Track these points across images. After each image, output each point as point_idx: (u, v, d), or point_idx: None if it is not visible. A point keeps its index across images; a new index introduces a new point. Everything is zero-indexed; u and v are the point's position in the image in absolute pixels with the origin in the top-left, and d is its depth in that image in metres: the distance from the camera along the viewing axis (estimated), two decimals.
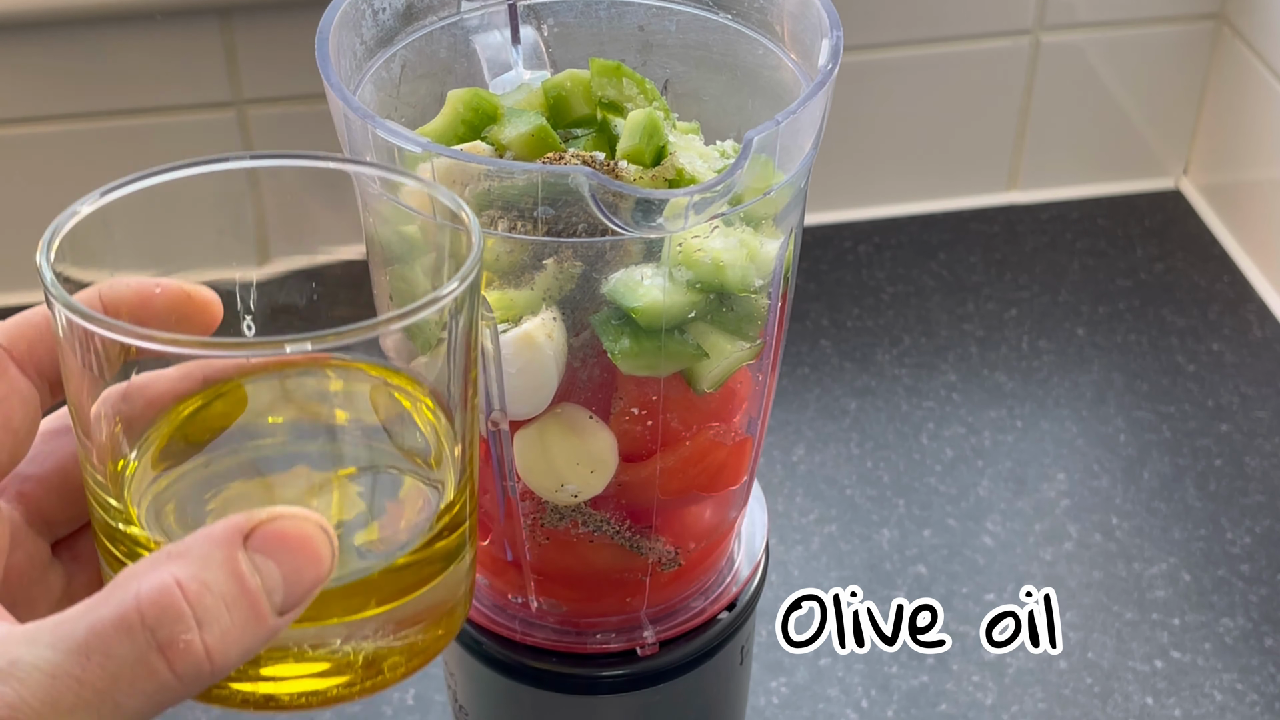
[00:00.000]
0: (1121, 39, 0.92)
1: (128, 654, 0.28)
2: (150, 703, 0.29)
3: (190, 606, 0.28)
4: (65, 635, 0.28)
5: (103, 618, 0.28)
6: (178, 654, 0.28)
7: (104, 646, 0.28)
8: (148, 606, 0.28)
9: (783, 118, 0.39)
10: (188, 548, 0.29)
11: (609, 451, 0.44)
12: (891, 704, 0.67)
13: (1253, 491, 0.77)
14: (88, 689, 0.28)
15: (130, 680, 0.28)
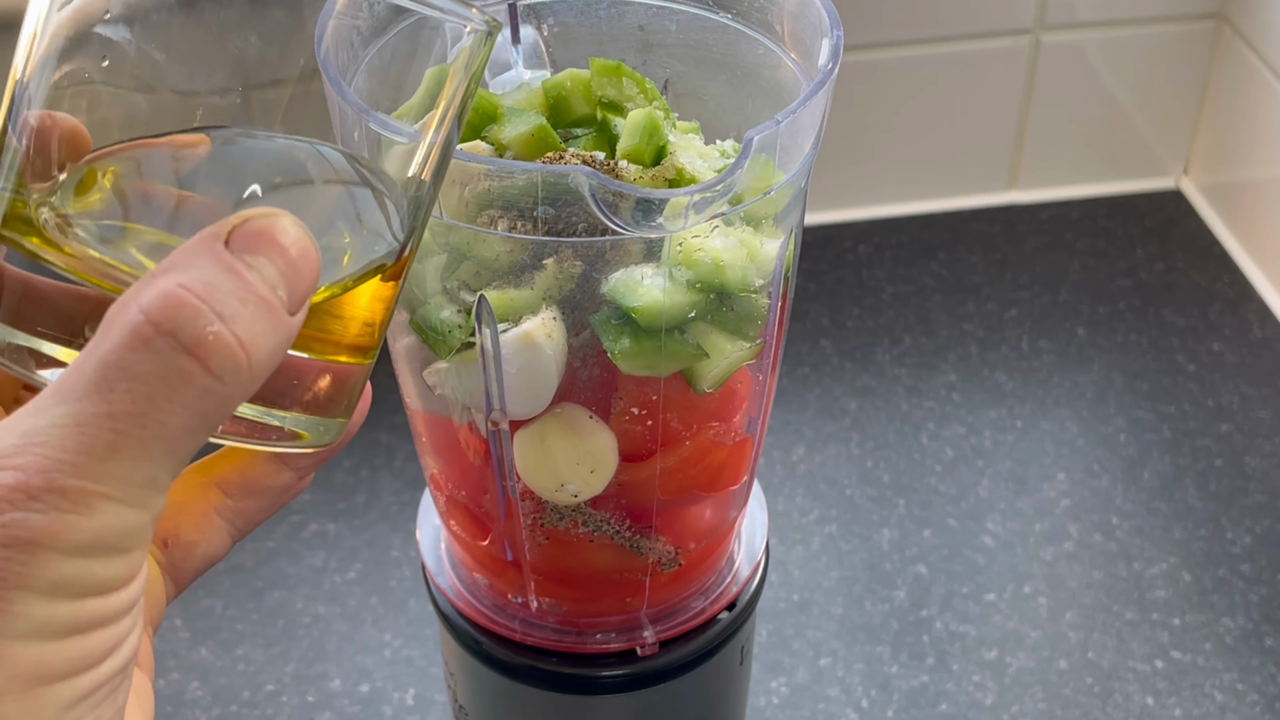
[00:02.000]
0: (1122, 39, 0.92)
1: (154, 368, 0.26)
2: (196, 415, 0.26)
3: (204, 302, 0.26)
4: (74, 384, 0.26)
5: (111, 347, 0.26)
6: (209, 349, 0.26)
7: (124, 372, 0.26)
8: (158, 314, 0.26)
9: (783, 117, 0.39)
10: (171, 263, 0.27)
11: (609, 451, 0.44)
12: (891, 704, 0.67)
13: (1253, 491, 0.77)
14: (123, 420, 0.25)
15: (166, 394, 0.26)
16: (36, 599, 0.25)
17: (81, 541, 0.25)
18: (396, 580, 0.73)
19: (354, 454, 0.79)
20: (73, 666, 0.26)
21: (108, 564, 0.26)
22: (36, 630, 0.25)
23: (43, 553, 0.25)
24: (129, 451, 0.26)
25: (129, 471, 0.26)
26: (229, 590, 0.72)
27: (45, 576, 0.25)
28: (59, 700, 0.25)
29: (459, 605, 0.51)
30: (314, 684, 0.68)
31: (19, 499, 0.25)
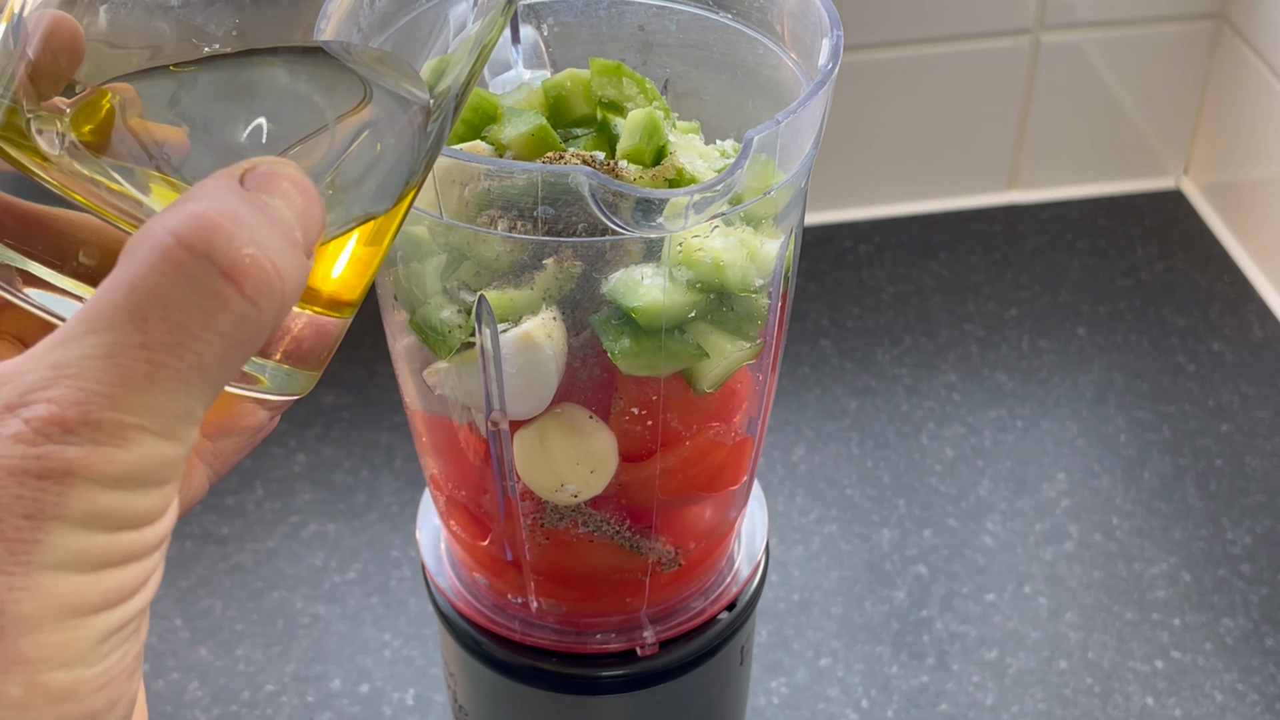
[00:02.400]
0: (1122, 38, 0.92)
1: (189, 294, 0.25)
2: (232, 343, 0.26)
3: (236, 225, 0.26)
4: (103, 312, 0.25)
5: (141, 272, 0.25)
6: (244, 272, 0.25)
7: (158, 298, 0.25)
8: (191, 235, 0.25)
9: (783, 117, 0.39)
10: (191, 195, 0.26)
11: (609, 451, 0.44)
12: (891, 704, 0.67)
13: (1253, 491, 0.77)
14: (158, 350, 0.25)
15: (202, 322, 0.25)
16: (73, 530, 0.25)
17: (117, 474, 0.25)
18: (396, 580, 0.73)
19: (354, 454, 0.79)
20: (107, 599, 0.26)
21: (142, 497, 0.26)
22: (72, 562, 0.25)
23: (79, 484, 0.25)
24: (165, 383, 0.25)
25: (165, 403, 0.25)
26: (229, 590, 0.72)
27: (81, 508, 0.25)
28: (93, 633, 0.25)
29: (459, 605, 0.51)
30: (314, 684, 0.68)
31: (54, 431, 0.25)
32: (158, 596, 0.71)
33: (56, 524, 0.25)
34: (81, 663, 0.25)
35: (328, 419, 0.81)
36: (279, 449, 0.79)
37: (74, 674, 0.25)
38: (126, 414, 0.25)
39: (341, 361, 0.84)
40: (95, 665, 0.25)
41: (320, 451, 0.79)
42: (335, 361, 0.84)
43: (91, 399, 0.25)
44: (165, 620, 0.70)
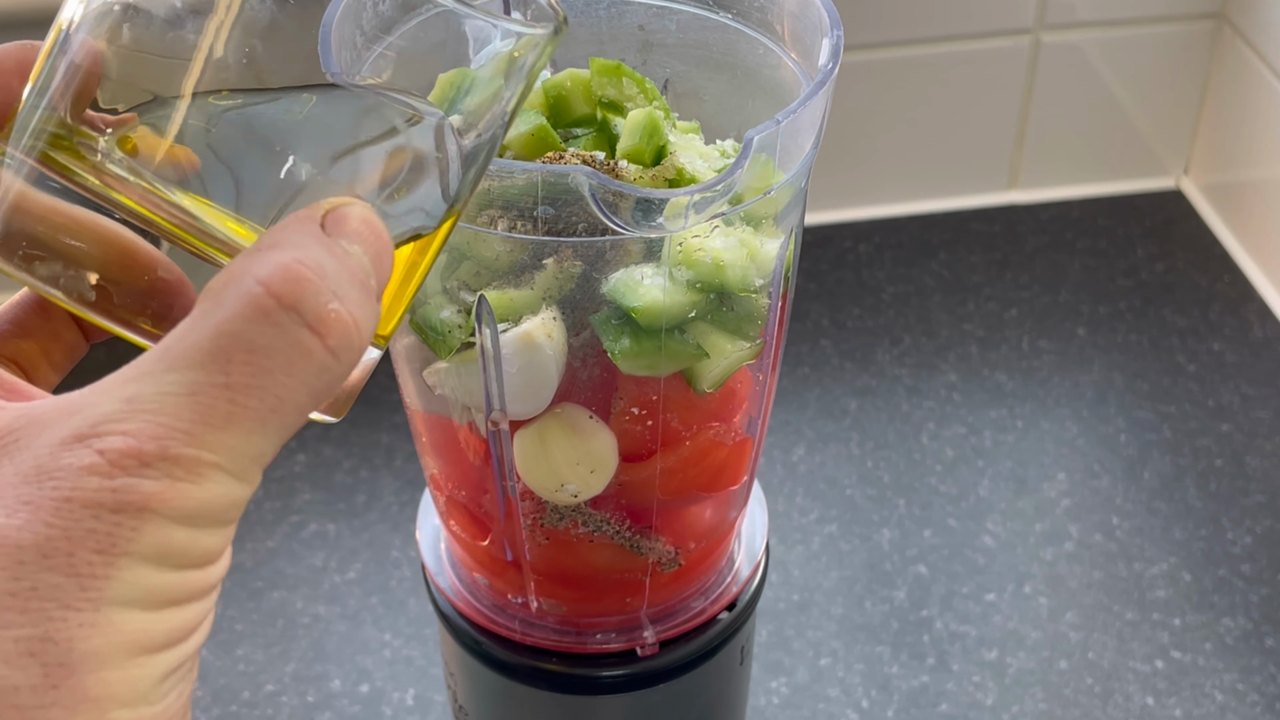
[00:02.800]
0: (1122, 38, 0.92)
1: (275, 341, 0.25)
2: (310, 392, 0.26)
3: (322, 280, 0.26)
4: (184, 353, 0.25)
5: (227, 317, 0.25)
6: (329, 326, 0.26)
7: (243, 343, 0.25)
8: (280, 287, 0.26)
9: (783, 117, 0.39)
10: (276, 240, 0.27)
11: (609, 451, 0.44)
12: (892, 704, 0.67)
13: (1253, 491, 0.77)
14: (241, 391, 0.25)
15: (286, 370, 0.26)
16: (143, 567, 0.25)
17: (192, 511, 0.25)
18: (396, 580, 0.73)
19: (354, 454, 0.79)
20: (170, 638, 0.25)
21: (211, 535, 0.26)
22: (141, 599, 0.25)
23: (154, 520, 0.25)
24: (244, 424, 0.25)
25: (242, 444, 0.25)
26: (229, 590, 0.72)
27: (154, 544, 0.25)
28: (156, 672, 0.25)
29: (459, 605, 0.51)
30: (314, 684, 0.68)
31: (130, 464, 0.24)
32: None
33: (128, 560, 0.24)
34: (144, 701, 0.25)
35: None
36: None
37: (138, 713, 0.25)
38: (205, 451, 0.25)
39: None
40: (156, 704, 0.25)
41: (320, 451, 0.79)
42: None
43: (171, 434, 0.25)
44: None
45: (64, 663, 0.24)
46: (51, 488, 0.24)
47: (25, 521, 0.24)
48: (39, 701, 0.24)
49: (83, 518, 0.24)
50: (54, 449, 0.25)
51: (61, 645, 0.24)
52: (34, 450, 0.25)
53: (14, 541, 0.24)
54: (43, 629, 0.24)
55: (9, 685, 0.24)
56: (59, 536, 0.24)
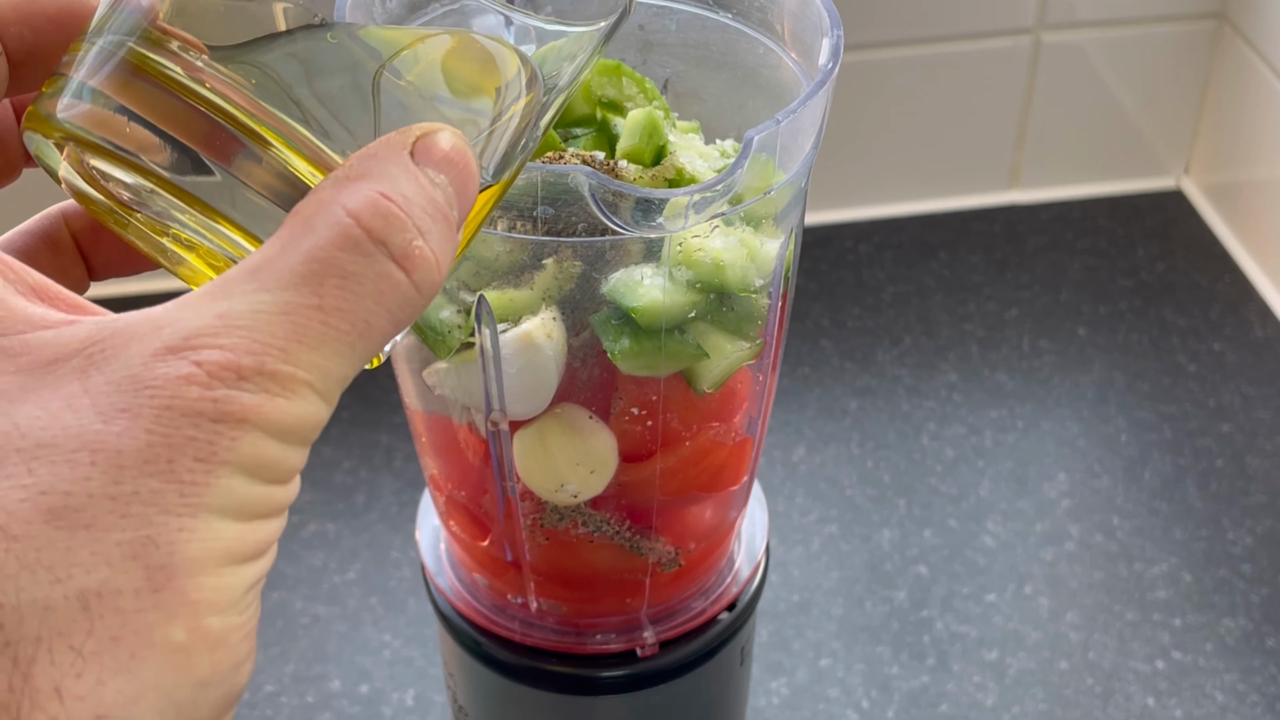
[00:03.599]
0: (1122, 38, 0.92)
1: (365, 270, 0.26)
2: (393, 321, 0.27)
3: (408, 215, 0.27)
4: (277, 273, 0.26)
5: (320, 243, 0.26)
6: (415, 262, 0.27)
7: (336, 269, 0.26)
8: (369, 221, 0.26)
9: (783, 117, 0.39)
10: (365, 169, 0.27)
11: (609, 451, 0.44)
12: (892, 704, 0.67)
13: (1254, 491, 0.77)
14: (333, 315, 0.26)
15: (375, 297, 0.26)
16: (240, 477, 0.25)
17: (286, 426, 0.26)
18: (396, 580, 0.72)
19: (354, 454, 0.79)
20: (256, 550, 0.26)
21: (295, 453, 0.26)
22: (236, 509, 0.25)
23: (252, 432, 0.25)
24: (335, 345, 0.26)
25: (331, 365, 0.26)
26: None
27: (250, 455, 0.25)
28: (244, 582, 0.25)
29: (459, 605, 0.51)
30: (314, 684, 0.68)
31: (229, 377, 0.25)
32: None
33: (226, 470, 0.25)
34: (234, 609, 0.25)
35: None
36: None
37: (228, 621, 0.25)
38: (299, 369, 0.26)
39: None
40: (242, 614, 0.26)
41: (320, 451, 0.79)
42: None
43: (267, 350, 0.25)
44: None
45: (165, 566, 0.24)
46: (149, 396, 0.25)
47: (124, 428, 0.24)
48: (140, 605, 0.24)
49: (183, 426, 0.25)
50: (147, 360, 0.25)
51: (163, 549, 0.24)
52: (125, 360, 0.25)
53: (114, 447, 0.24)
54: (145, 532, 0.24)
55: (112, 588, 0.24)
56: (160, 443, 0.24)
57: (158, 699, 0.24)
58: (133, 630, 0.24)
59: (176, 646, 0.24)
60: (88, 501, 0.24)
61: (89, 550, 0.24)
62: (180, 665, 0.24)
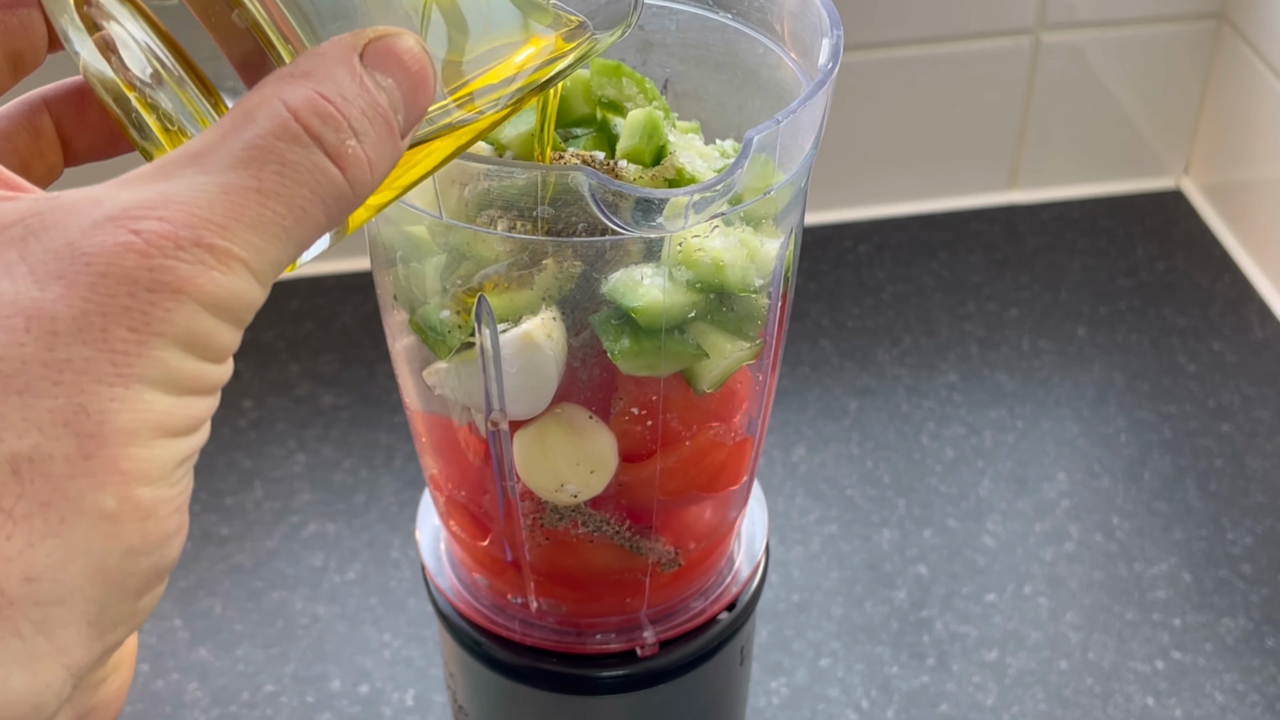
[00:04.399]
0: (1122, 38, 0.92)
1: (303, 160, 0.27)
2: (327, 212, 0.28)
3: (343, 116, 0.28)
4: (218, 158, 0.27)
5: (259, 133, 0.27)
6: (347, 160, 0.27)
7: (276, 157, 0.27)
8: (306, 116, 0.27)
9: (783, 117, 0.39)
10: (310, 67, 0.28)
11: (609, 451, 0.44)
12: (891, 704, 0.67)
13: (1254, 491, 0.77)
14: (271, 198, 0.26)
15: (311, 186, 0.27)
16: (173, 349, 0.25)
17: (220, 300, 0.26)
18: (396, 580, 0.72)
19: (354, 454, 0.79)
20: (188, 425, 0.26)
21: (229, 331, 0.26)
22: (168, 382, 0.25)
23: (186, 304, 0.25)
24: (271, 228, 0.27)
25: (266, 246, 0.27)
26: (228, 591, 0.72)
27: (184, 328, 0.25)
28: (175, 456, 0.26)
29: (459, 605, 0.51)
30: (314, 684, 0.68)
31: (167, 246, 0.25)
32: None
33: (160, 341, 0.25)
34: (164, 482, 0.26)
35: (328, 419, 0.81)
36: (279, 449, 0.79)
37: (158, 493, 0.25)
38: (235, 245, 0.26)
39: (341, 361, 0.84)
40: (173, 487, 0.26)
41: (320, 451, 0.79)
42: (335, 361, 0.84)
43: (205, 224, 0.26)
44: (165, 620, 0.70)
45: (96, 434, 0.25)
46: (85, 264, 0.25)
47: (60, 295, 0.25)
48: (70, 471, 0.24)
49: (118, 294, 0.25)
50: (86, 229, 0.25)
51: (94, 417, 0.25)
52: (64, 230, 0.25)
53: (48, 314, 0.25)
54: (77, 400, 0.24)
55: (43, 454, 0.24)
56: (94, 311, 0.25)
57: (86, 564, 0.24)
58: (63, 496, 0.24)
59: (106, 514, 0.25)
60: (21, 367, 0.24)
61: (20, 416, 0.24)
62: (109, 533, 0.25)
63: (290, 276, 0.90)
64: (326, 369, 0.84)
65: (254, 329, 0.86)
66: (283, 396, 0.82)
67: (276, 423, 0.81)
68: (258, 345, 0.85)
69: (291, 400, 0.82)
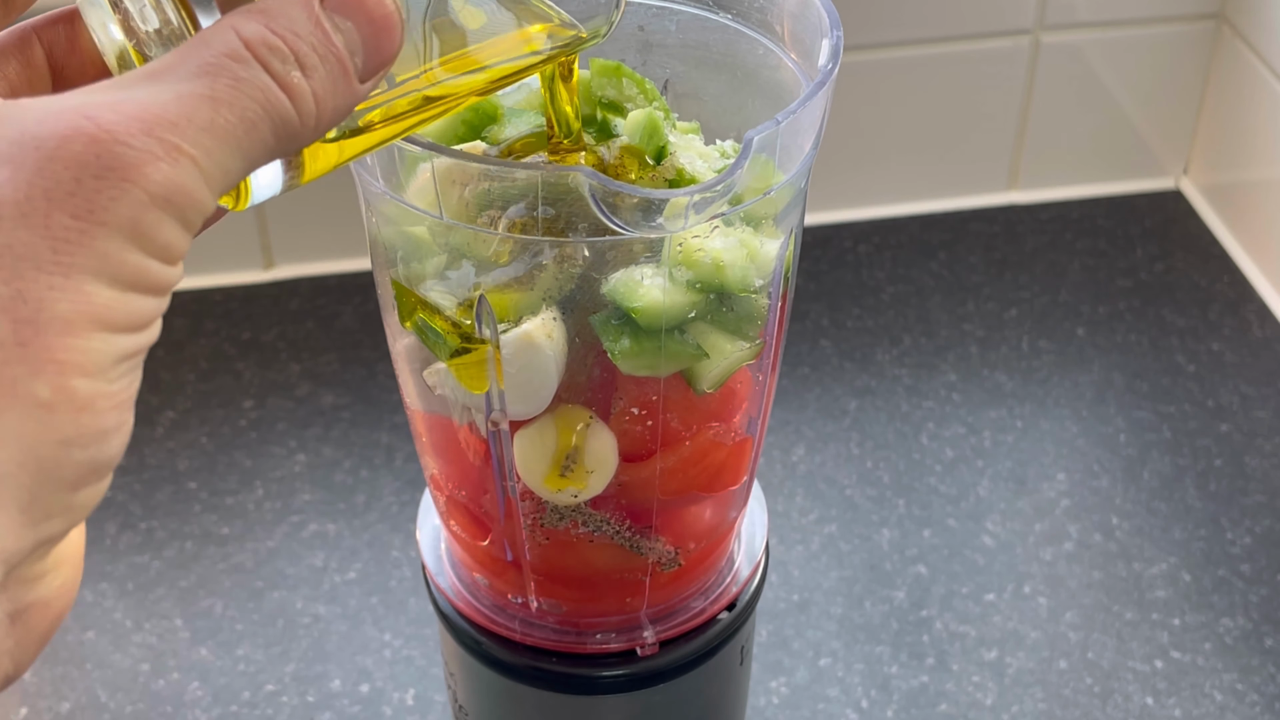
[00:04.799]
0: (1121, 39, 0.92)
1: (253, 78, 0.27)
2: (275, 134, 0.28)
3: (291, 51, 0.28)
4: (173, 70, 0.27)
5: (213, 53, 0.27)
6: (294, 91, 0.28)
7: (229, 72, 0.27)
8: (255, 45, 0.28)
9: (783, 118, 0.39)
10: (268, 5, 0.29)
11: (609, 451, 0.44)
12: (891, 704, 0.67)
13: (1253, 491, 0.77)
14: (223, 106, 0.27)
15: (261, 103, 0.27)
16: (116, 240, 0.25)
17: (167, 193, 0.26)
18: (396, 580, 0.73)
19: (354, 454, 0.79)
20: (130, 322, 0.26)
21: (176, 230, 0.26)
22: (110, 274, 0.25)
23: (132, 192, 0.25)
24: (222, 133, 0.27)
25: (216, 149, 0.27)
26: (229, 590, 0.72)
27: (130, 218, 0.25)
28: (115, 351, 0.26)
29: (459, 605, 0.51)
30: (314, 684, 0.68)
31: (118, 133, 0.25)
32: (158, 596, 0.71)
33: (103, 230, 0.25)
34: (102, 376, 0.25)
35: (328, 419, 0.81)
36: (279, 449, 0.79)
37: (95, 386, 0.25)
38: (186, 142, 0.26)
39: (341, 361, 0.84)
40: (113, 383, 0.26)
41: (320, 451, 0.79)
42: (335, 361, 0.84)
43: (157, 120, 0.26)
44: (165, 620, 0.71)
45: (32, 321, 0.24)
46: (34, 147, 0.25)
47: (7, 179, 0.25)
48: (5, 357, 0.24)
49: (64, 179, 0.25)
50: (40, 118, 0.26)
51: (31, 304, 0.24)
52: (18, 120, 0.26)
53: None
54: (15, 286, 0.24)
55: None
56: (39, 196, 0.25)
57: (19, 450, 0.24)
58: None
59: (40, 402, 0.24)
60: None
61: None
62: (43, 421, 0.25)
63: (291, 276, 0.90)
64: (327, 369, 0.84)
65: (254, 329, 0.86)
66: (283, 396, 0.82)
67: (277, 423, 0.81)
68: (258, 345, 0.85)
69: (292, 400, 0.82)
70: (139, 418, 0.81)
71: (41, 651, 0.29)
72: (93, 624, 0.70)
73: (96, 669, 0.68)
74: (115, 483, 0.77)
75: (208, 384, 0.83)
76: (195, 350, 0.85)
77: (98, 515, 0.75)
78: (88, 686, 0.67)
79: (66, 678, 0.68)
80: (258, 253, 0.90)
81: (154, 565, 0.73)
